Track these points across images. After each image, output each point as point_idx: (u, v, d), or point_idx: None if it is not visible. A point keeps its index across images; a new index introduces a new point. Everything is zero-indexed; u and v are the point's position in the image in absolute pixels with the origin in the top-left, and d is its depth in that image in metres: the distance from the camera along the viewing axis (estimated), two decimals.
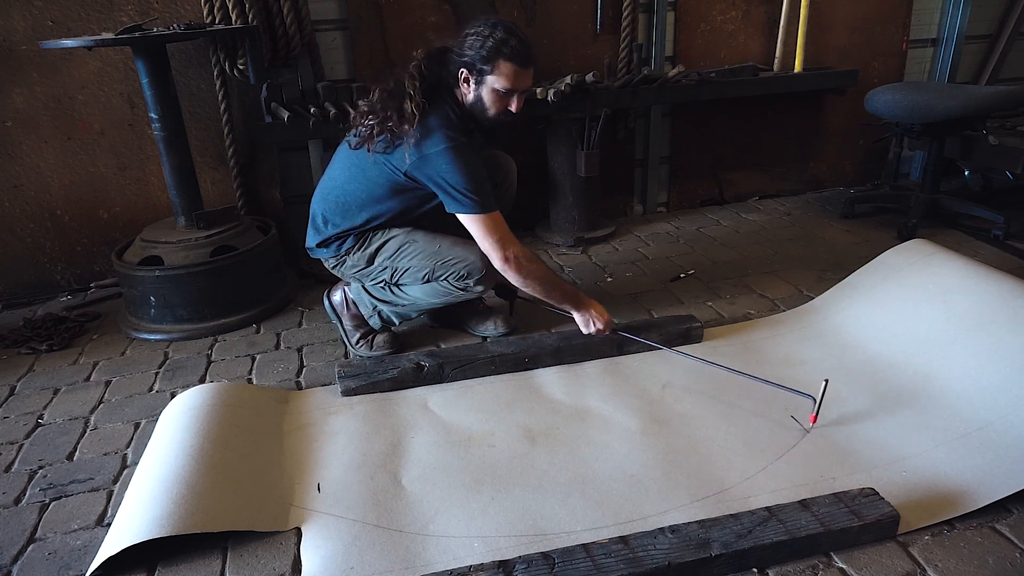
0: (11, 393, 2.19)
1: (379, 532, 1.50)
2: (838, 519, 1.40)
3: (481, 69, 1.91)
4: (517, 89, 1.95)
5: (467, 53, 1.92)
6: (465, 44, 1.93)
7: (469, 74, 1.94)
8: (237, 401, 1.91)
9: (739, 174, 3.77)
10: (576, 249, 3.18)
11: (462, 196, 1.92)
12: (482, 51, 1.89)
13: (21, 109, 2.70)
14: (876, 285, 2.29)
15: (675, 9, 3.33)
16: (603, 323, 2.12)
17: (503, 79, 1.91)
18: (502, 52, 1.88)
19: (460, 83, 1.97)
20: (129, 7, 2.70)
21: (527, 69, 1.93)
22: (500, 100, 1.96)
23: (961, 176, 3.65)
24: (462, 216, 1.96)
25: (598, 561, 1.33)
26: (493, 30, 1.89)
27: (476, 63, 1.91)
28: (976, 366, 1.85)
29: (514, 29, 1.92)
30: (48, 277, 2.93)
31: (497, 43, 1.88)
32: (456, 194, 1.93)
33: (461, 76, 1.95)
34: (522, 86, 1.95)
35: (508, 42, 1.88)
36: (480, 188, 1.93)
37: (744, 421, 1.82)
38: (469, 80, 1.95)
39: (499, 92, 1.94)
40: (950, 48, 3.76)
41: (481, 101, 1.97)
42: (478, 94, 1.96)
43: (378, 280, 2.18)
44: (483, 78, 1.93)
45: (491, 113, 1.98)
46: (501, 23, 1.92)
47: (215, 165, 2.97)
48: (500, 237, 1.96)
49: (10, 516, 1.64)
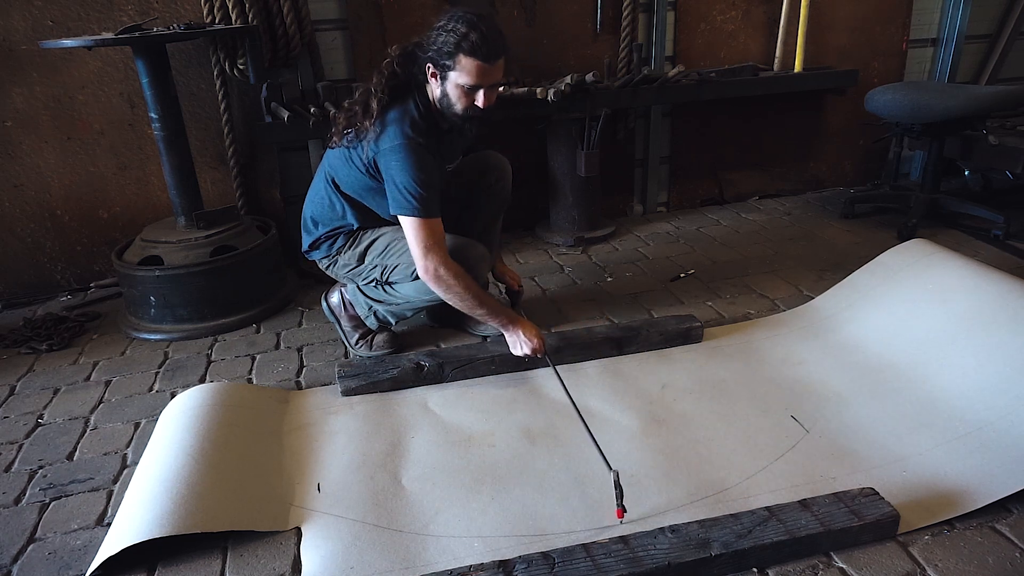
0: (11, 393, 2.19)
1: (379, 532, 1.50)
2: (838, 519, 1.40)
3: (444, 64, 1.84)
4: (483, 85, 1.86)
5: (431, 48, 1.85)
6: (430, 39, 1.86)
7: (435, 69, 1.88)
8: (237, 401, 1.91)
9: (739, 174, 3.77)
10: (576, 249, 3.18)
11: (403, 195, 1.88)
12: (445, 46, 1.81)
13: (21, 109, 2.70)
14: (876, 285, 2.29)
15: (675, 9, 3.33)
16: (531, 348, 2.01)
17: (465, 75, 1.84)
18: (462, 47, 1.80)
19: (428, 79, 1.91)
20: (129, 7, 2.70)
21: (492, 63, 1.84)
22: (465, 96, 1.88)
23: (961, 176, 3.65)
24: (400, 216, 1.93)
25: (598, 561, 1.33)
26: (455, 24, 1.81)
27: (438, 59, 1.84)
28: (976, 366, 1.85)
29: (476, 22, 1.81)
30: (48, 277, 2.93)
31: (457, 38, 1.79)
32: (397, 192, 1.89)
33: (428, 72, 1.89)
34: (488, 81, 1.86)
35: (468, 37, 1.79)
36: (422, 191, 1.88)
37: (744, 421, 1.82)
38: (436, 75, 1.89)
39: (463, 88, 1.86)
40: (950, 48, 3.75)
41: (447, 97, 1.90)
42: (443, 90, 1.90)
43: (370, 279, 2.17)
44: (446, 74, 1.86)
45: (458, 109, 1.91)
46: (465, 15, 1.83)
47: (215, 165, 2.97)
48: (428, 246, 1.91)
49: (10, 516, 1.64)
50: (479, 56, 1.81)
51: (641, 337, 2.20)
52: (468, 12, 1.84)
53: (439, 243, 1.92)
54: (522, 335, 2.01)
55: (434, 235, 1.91)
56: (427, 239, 1.90)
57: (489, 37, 1.81)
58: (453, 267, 1.94)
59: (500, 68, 1.88)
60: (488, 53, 1.82)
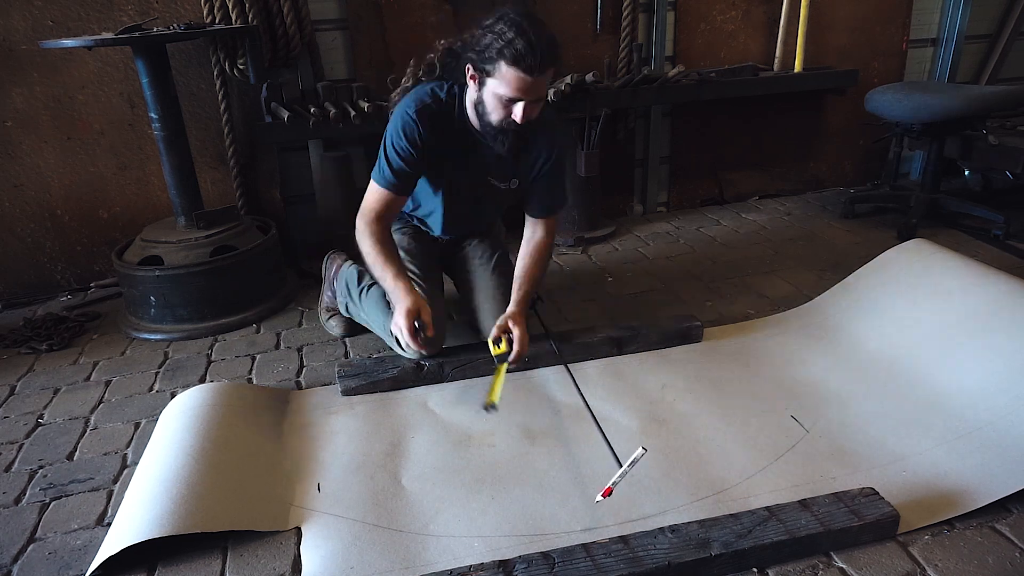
0: (11, 393, 2.19)
1: (379, 532, 1.50)
2: (838, 519, 1.40)
3: (484, 69, 1.71)
4: (522, 98, 1.71)
5: (474, 48, 1.72)
6: (475, 37, 1.72)
7: (475, 72, 1.75)
8: (237, 401, 1.91)
9: (739, 174, 3.77)
10: (576, 249, 3.18)
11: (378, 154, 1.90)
12: (487, 50, 1.68)
13: (21, 109, 2.70)
14: (876, 285, 2.29)
15: (675, 9, 3.33)
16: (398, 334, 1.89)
17: (505, 85, 1.69)
18: (504, 55, 1.65)
19: (468, 80, 1.80)
20: (129, 7, 2.70)
21: (535, 77, 1.67)
22: (503, 106, 1.74)
23: (961, 176, 3.65)
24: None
25: (598, 561, 1.33)
26: (502, 26, 1.66)
27: (479, 62, 1.71)
28: (976, 366, 1.85)
29: (525, 27, 1.65)
30: (48, 277, 2.93)
31: (502, 43, 1.64)
32: (382, 149, 1.90)
33: (468, 73, 1.77)
34: (529, 94, 1.71)
35: (513, 44, 1.63)
36: (387, 157, 1.87)
37: (744, 421, 1.82)
38: (475, 79, 1.77)
39: (501, 97, 1.72)
40: (950, 48, 3.75)
41: (483, 104, 1.78)
42: (480, 96, 1.78)
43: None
44: (485, 80, 1.73)
45: (493, 119, 1.77)
46: (515, 18, 1.67)
47: (215, 165, 2.97)
48: (365, 205, 1.93)
49: (10, 516, 1.64)
50: (521, 67, 1.65)
51: (641, 337, 2.20)
52: (519, 14, 1.69)
53: (373, 207, 1.91)
54: (395, 317, 1.87)
55: (373, 199, 1.91)
56: (370, 199, 1.92)
57: (537, 46, 1.64)
58: (373, 229, 1.91)
59: (544, 82, 1.72)
60: (532, 65, 1.65)
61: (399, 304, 1.86)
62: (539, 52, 1.64)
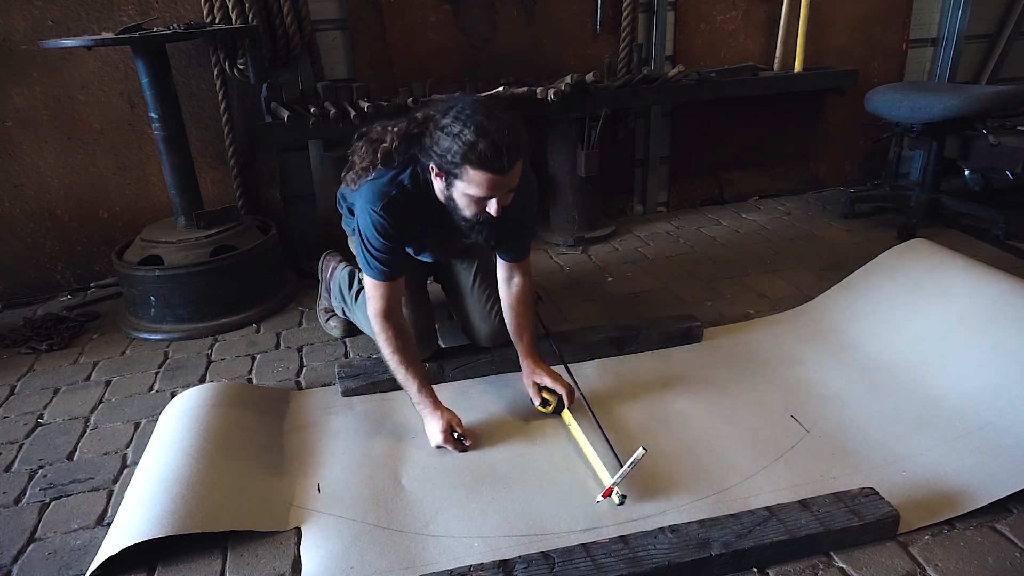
0: (11, 393, 2.19)
1: (379, 532, 1.50)
2: (838, 519, 1.40)
3: (450, 172, 1.60)
4: (494, 195, 1.61)
5: (435, 149, 1.59)
6: (436, 135, 1.59)
7: (439, 171, 1.64)
8: (237, 401, 1.91)
9: (739, 174, 3.77)
10: (576, 249, 3.18)
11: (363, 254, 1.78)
12: (449, 154, 1.55)
13: (21, 109, 2.70)
14: (876, 285, 2.29)
15: (675, 9, 3.33)
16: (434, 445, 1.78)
17: (475, 187, 1.58)
18: (469, 159, 1.53)
19: (432, 176, 1.68)
20: (129, 7, 2.70)
21: (503, 175, 1.56)
22: (476, 204, 1.63)
23: (961, 176, 3.65)
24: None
25: (598, 561, 1.33)
26: (461, 128, 1.54)
27: (443, 165, 1.59)
28: (976, 366, 1.85)
29: (486, 126, 1.53)
30: (48, 277, 2.93)
31: (465, 147, 1.52)
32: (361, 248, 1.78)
33: (432, 171, 1.66)
34: (501, 190, 1.61)
35: (476, 146, 1.52)
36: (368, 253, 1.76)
37: (744, 421, 1.82)
38: (441, 177, 1.65)
39: (472, 197, 1.62)
40: (950, 48, 3.75)
41: (454, 202, 1.66)
42: (449, 195, 1.66)
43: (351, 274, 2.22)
44: (453, 181, 1.61)
45: (467, 214, 1.67)
46: (473, 116, 1.55)
47: (215, 165, 2.97)
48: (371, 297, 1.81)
49: (10, 516, 1.64)
50: (491, 169, 1.55)
51: (641, 337, 2.20)
52: (473, 108, 1.57)
53: (378, 299, 1.79)
54: (428, 428, 1.80)
55: (377, 296, 1.80)
56: (371, 294, 1.81)
57: (501, 144, 1.53)
58: (385, 326, 1.80)
59: (516, 173, 1.61)
60: (501, 165, 1.55)
61: (432, 422, 1.79)
62: (504, 150, 1.54)
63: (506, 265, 1.94)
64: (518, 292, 1.95)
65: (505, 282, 1.96)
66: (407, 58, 3.09)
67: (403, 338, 1.82)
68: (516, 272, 1.95)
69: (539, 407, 1.86)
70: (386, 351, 1.81)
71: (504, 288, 1.97)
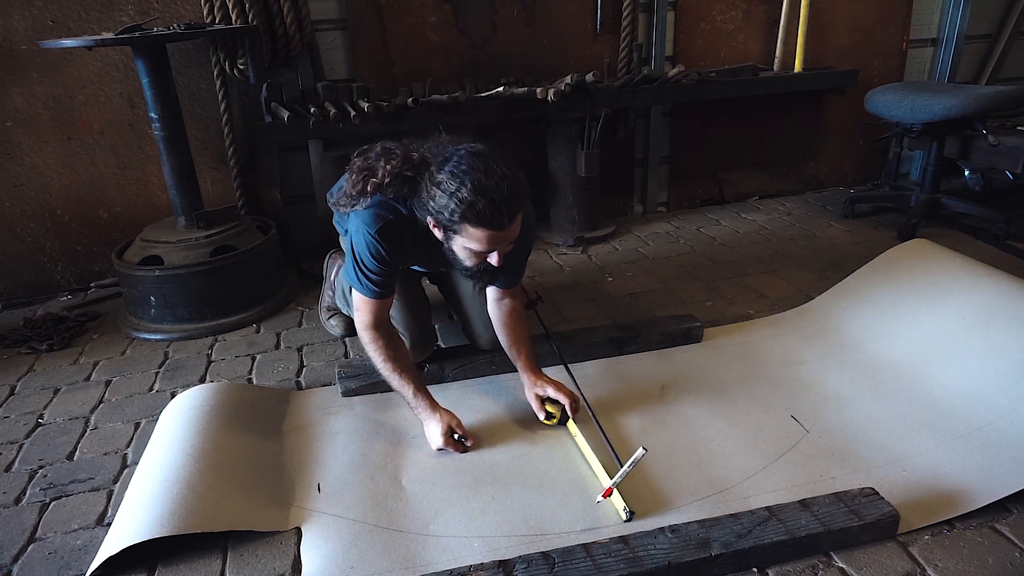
0: (11, 393, 2.19)
1: (379, 532, 1.50)
2: (838, 519, 1.40)
3: (448, 228, 1.58)
4: (495, 248, 1.60)
5: (431, 204, 1.56)
6: (432, 191, 1.56)
7: (436, 224, 1.61)
8: (237, 401, 1.91)
9: (739, 174, 3.77)
10: (576, 249, 3.18)
11: (354, 270, 1.75)
12: (447, 212, 1.53)
13: (21, 109, 2.70)
14: (876, 285, 2.29)
15: (675, 9, 3.33)
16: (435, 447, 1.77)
17: (475, 242, 1.58)
18: (468, 217, 1.52)
19: (430, 226, 1.64)
20: (129, 7, 2.70)
21: (503, 230, 1.55)
22: (475, 256, 1.63)
23: (961, 176, 3.65)
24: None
25: (598, 561, 1.33)
26: (458, 185, 1.51)
27: (442, 221, 1.57)
28: (976, 366, 1.85)
29: (483, 184, 1.50)
30: (48, 277, 2.93)
31: (462, 206, 1.50)
32: (351, 264, 1.76)
33: (429, 222, 1.63)
34: (502, 243, 1.60)
35: (475, 206, 1.49)
36: (362, 273, 1.73)
37: (744, 421, 1.82)
38: (438, 228, 1.63)
39: (472, 250, 1.61)
40: (950, 48, 3.75)
41: (454, 253, 1.65)
42: (450, 247, 1.65)
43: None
44: (452, 236, 1.61)
45: (467, 264, 1.67)
46: (469, 172, 1.51)
47: (215, 165, 2.97)
48: (358, 311, 1.80)
49: (10, 516, 1.64)
50: (489, 225, 1.53)
51: (641, 337, 2.20)
52: (470, 164, 1.53)
53: (367, 313, 1.78)
54: (428, 432, 1.78)
55: (367, 311, 1.78)
56: (360, 308, 1.79)
57: (500, 202, 1.51)
58: (374, 336, 1.79)
59: (517, 225, 1.60)
60: (499, 221, 1.53)
61: (432, 425, 1.77)
62: (503, 207, 1.52)
63: (497, 290, 1.93)
64: (508, 311, 1.94)
65: (495, 303, 1.95)
66: (407, 58, 3.09)
67: (393, 345, 1.81)
68: (506, 295, 1.94)
69: (544, 420, 1.84)
70: (378, 360, 1.80)
71: (494, 308, 1.96)
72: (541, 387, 1.86)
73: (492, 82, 3.03)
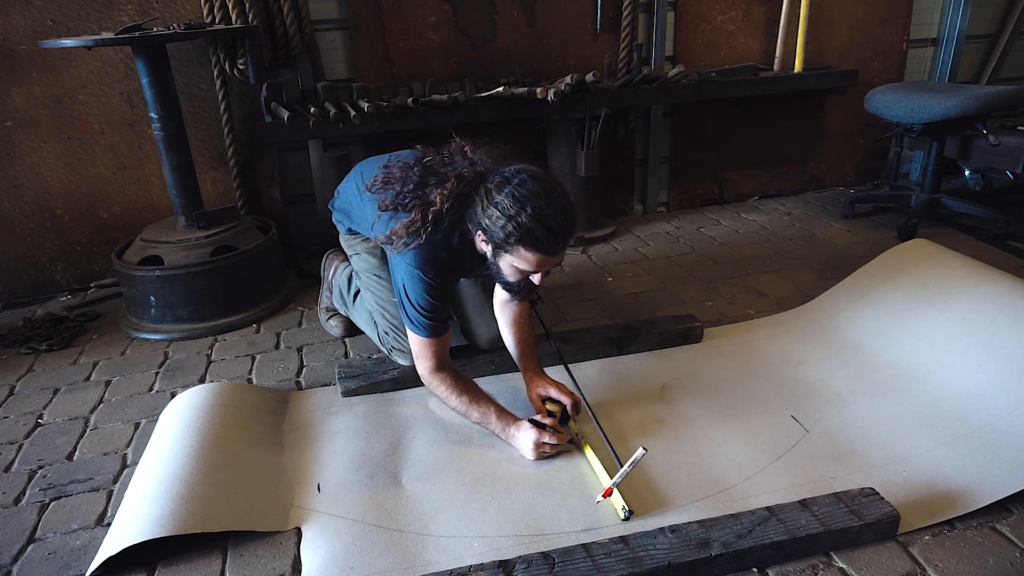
0: (11, 393, 2.19)
1: (379, 532, 1.50)
2: (838, 519, 1.40)
3: (499, 245, 1.60)
4: (541, 270, 1.65)
5: (486, 222, 1.58)
6: (489, 210, 1.57)
7: (486, 239, 1.63)
8: (237, 401, 1.91)
9: (739, 174, 3.77)
10: (576, 249, 3.18)
11: (407, 312, 1.74)
12: (503, 231, 1.55)
13: (21, 109, 2.70)
14: (876, 285, 2.29)
15: (675, 9, 3.33)
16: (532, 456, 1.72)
17: (525, 263, 1.61)
18: (524, 242, 1.55)
19: (477, 239, 1.66)
20: (129, 7, 2.70)
21: (554, 256, 1.60)
22: (521, 273, 1.66)
23: (961, 176, 3.65)
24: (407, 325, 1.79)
25: (598, 561, 1.33)
26: (520, 209, 1.52)
27: (493, 237, 1.59)
28: (976, 366, 1.85)
29: (544, 212, 1.52)
30: (48, 277, 2.93)
31: (522, 231, 1.53)
32: (403, 306, 1.75)
33: (479, 237, 1.65)
34: (548, 266, 1.65)
35: (533, 232, 1.52)
36: (418, 314, 1.73)
37: (744, 421, 1.82)
38: (487, 244, 1.64)
39: (519, 270, 1.64)
40: (950, 48, 3.75)
41: (499, 267, 1.68)
42: (495, 262, 1.67)
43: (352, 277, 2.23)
44: (502, 253, 1.62)
45: (510, 279, 1.70)
46: (532, 198, 1.53)
47: (215, 165, 2.97)
48: (419, 356, 1.79)
49: (10, 516, 1.64)
50: (543, 250, 1.57)
51: (641, 337, 2.20)
52: (534, 190, 1.54)
53: (431, 357, 1.77)
54: (518, 443, 1.74)
55: (429, 355, 1.77)
56: (421, 353, 1.78)
57: (556, 231, 1.54)
58: (441, 377, 1.79)
59: (562, 254, 1.65)
60: (553, 247, 1.57)
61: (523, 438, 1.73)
62: (560, 236, 1.56)
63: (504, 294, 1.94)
64: (516, 315, 1.96)
65: (504, 303, 1.97)
66: (407, 58, 3.09)
67: (462, 380, 1.81)
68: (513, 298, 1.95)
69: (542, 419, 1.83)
70: (452, 400, 1.79)
71: (503, 308, 1.98)
72: (543, 387, 1.87)
73: (492, 82, 3.04)
